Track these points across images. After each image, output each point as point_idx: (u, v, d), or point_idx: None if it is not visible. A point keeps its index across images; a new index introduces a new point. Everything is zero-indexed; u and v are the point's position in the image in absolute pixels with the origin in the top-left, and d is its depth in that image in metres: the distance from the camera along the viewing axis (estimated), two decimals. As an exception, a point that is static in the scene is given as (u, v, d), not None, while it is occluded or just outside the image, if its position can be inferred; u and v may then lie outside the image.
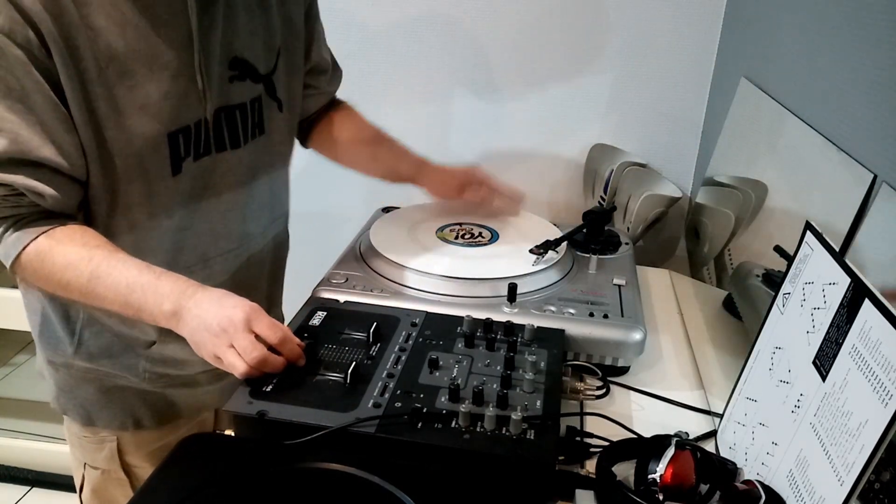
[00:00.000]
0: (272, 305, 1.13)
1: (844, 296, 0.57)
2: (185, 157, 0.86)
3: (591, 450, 0.73)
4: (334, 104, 1.15)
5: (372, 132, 1.15)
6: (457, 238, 1.06)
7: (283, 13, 0.95)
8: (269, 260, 1.06)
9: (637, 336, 0.86)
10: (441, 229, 1.09)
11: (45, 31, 0.71)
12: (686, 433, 0.75)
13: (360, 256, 1.02)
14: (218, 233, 0.94)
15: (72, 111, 0.76)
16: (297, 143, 1.09)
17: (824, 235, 0.64)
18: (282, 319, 1.11)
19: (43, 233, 0.78)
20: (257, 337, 0.73)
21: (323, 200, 1.58)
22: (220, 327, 0.73)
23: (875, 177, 0.73)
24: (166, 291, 0.76)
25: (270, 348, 0.74)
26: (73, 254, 0.77)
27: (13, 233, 0.78)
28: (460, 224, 1.11)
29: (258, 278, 1.05)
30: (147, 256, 0.82)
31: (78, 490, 1.07)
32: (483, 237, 1.07)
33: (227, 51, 0.87)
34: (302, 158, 1.12)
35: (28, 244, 0.78)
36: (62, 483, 1.86)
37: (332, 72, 1.11)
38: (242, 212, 0.96)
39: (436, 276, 0.94)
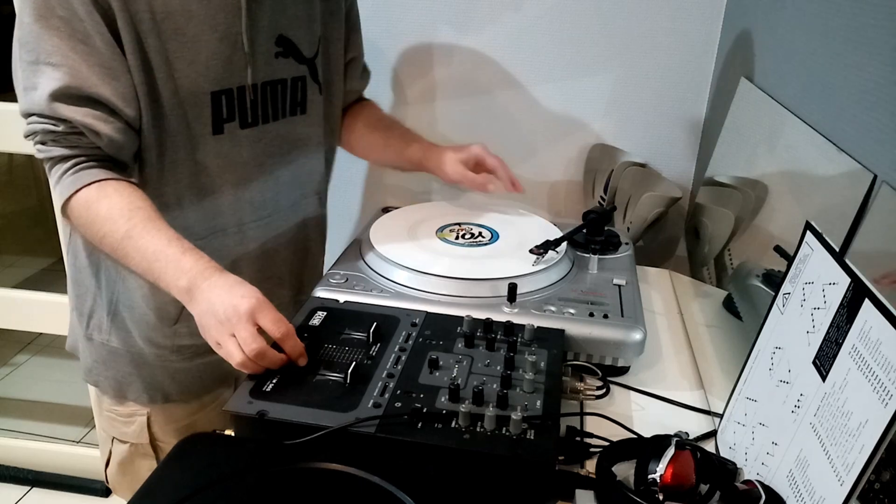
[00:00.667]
0: (301, 286, 1.15)
1: (844, 296, 0.57)
2: (227, 120, 0.91)
3: (591, 450, 0.73)
4: (359, 100, 1.21)
5: (387, 121, 1.20)
6: (457, 238, 1.06)
7: (326, 6, 1.02)
8: (296, 236, 1.10)
9: (637, 336, 0.86)
10: (441, 229, 1.09)
11: None
12: (686, 433, 0.75)
13: (360, 256, 1.02)
14: (254, 201, 0.99)
15: (127, 56, 0.81)
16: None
17: (824, 235, 0.64)
18: None
19: (96, 181, 0.82)
20: (261, 330, 0.74)
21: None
22: (224, 315, 0.74)
23: (875, 177, 0.73)
24: (186, 268, 0.78)
25: (276, 345, 0.75)
26: (116, 208, 0.81)
27: (70, 176, 0.82)
28: (460, 224, 1.11)
29: (285, 250, 1.08)
30: (189, 214, 0.89)
31: (104, 465, 1.11)
32: (483, 237, 1.07)
33: (273, 28, 0.93)
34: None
35: (80, 189, 0.82)
36: (62, 483, 1.86)
37: (363, 70, 1.19)
38: (276, 183, 1.02)
39: (436, 276, 0.94)
